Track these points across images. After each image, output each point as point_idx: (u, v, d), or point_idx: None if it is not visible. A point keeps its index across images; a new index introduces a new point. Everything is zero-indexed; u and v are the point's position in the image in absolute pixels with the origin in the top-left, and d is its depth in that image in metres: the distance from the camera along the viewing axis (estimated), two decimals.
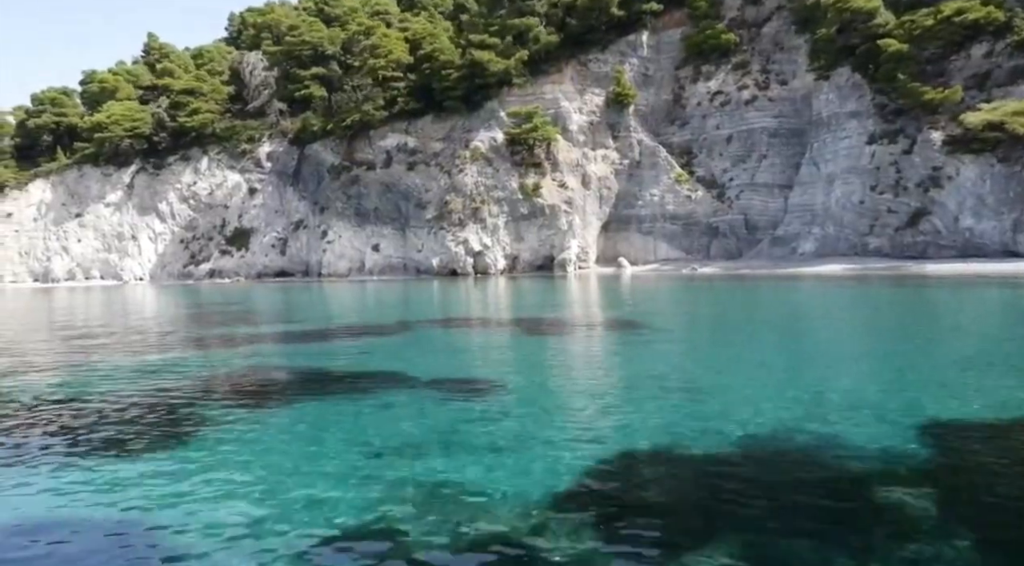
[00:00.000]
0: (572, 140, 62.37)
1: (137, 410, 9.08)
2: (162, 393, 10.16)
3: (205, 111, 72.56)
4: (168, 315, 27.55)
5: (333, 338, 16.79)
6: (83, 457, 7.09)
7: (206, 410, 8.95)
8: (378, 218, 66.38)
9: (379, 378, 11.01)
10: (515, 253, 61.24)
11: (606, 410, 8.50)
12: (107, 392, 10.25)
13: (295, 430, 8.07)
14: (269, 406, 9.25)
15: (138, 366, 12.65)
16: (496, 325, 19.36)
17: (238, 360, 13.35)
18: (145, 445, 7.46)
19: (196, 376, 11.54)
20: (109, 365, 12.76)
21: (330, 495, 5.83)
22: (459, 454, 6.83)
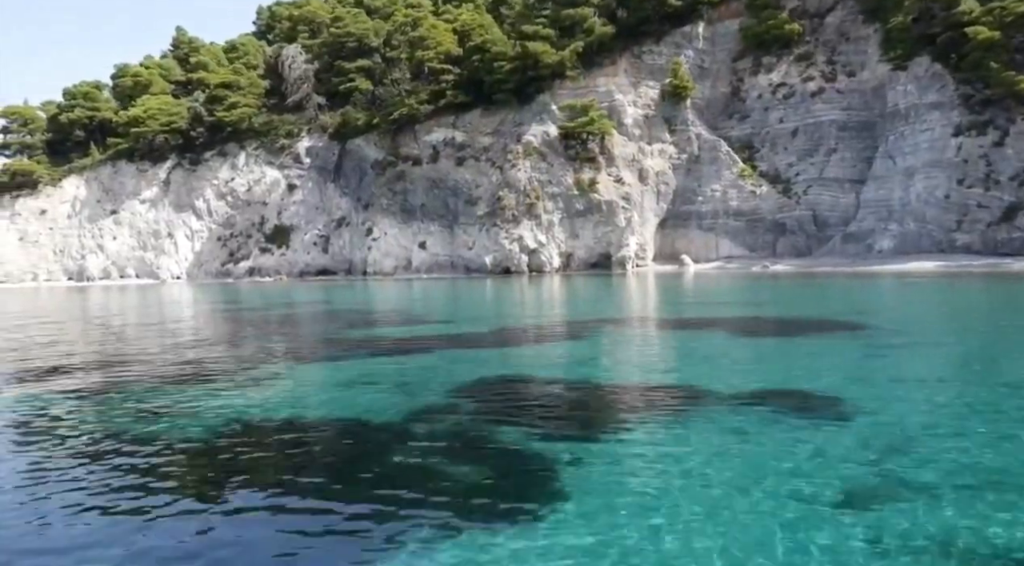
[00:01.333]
0: (627, 134, 60.50)
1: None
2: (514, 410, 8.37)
3: (243, 105, 70.78)
4: (311, 319, 25.69)
5: (539, 342, 14.97)
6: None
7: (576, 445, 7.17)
8: (425, 215, 64.56)
9: (687, 392, 9.20)
10: (569, 251, 59.42)
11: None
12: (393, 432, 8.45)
13: (689, 458, 6.23)
14: (621, 427, 7.45)
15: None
16: (683, 325, 17.45)
17: (489, 370, 11.51)
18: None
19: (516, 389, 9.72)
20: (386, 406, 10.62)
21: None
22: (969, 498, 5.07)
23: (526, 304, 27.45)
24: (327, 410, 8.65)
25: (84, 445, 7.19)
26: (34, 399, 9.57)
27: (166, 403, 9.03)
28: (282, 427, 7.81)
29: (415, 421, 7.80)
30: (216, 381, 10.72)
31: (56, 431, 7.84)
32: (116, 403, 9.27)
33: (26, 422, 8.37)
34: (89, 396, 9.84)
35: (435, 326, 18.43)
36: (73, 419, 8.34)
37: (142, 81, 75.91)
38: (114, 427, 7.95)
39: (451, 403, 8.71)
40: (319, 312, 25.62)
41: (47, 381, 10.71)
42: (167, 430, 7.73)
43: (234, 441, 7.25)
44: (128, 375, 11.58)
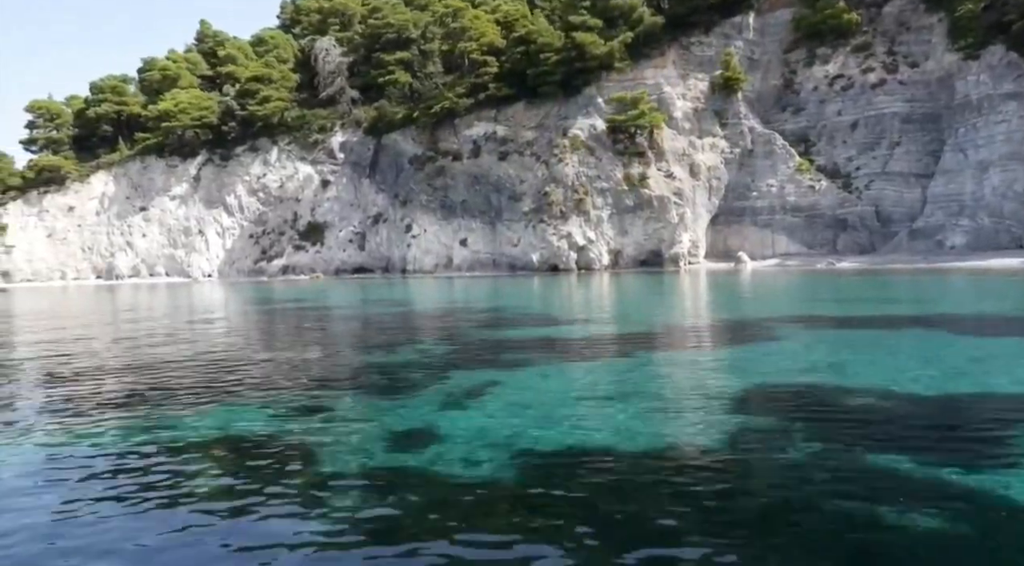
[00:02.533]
0: (677, 128, 58.76)
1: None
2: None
3: (276, 99, 69.05)
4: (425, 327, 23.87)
5: (744, 343, 13.18)
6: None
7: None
8: (466, 211, 62.83)
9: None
10: (618, 248, 57.68)
11: None
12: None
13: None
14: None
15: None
16: (868, 324, 15.59)
17: (742, 377, 9.71)
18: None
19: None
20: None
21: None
22: None
23: (639, 302, 25.67)
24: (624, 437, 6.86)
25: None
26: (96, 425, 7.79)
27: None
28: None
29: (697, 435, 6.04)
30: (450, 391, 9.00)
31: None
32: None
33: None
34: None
35: (587, 326, 16.66)
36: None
37: (170, 75, 74.23)
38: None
39: (760, 421, 6.92)
40: (427, 312, 23.82)
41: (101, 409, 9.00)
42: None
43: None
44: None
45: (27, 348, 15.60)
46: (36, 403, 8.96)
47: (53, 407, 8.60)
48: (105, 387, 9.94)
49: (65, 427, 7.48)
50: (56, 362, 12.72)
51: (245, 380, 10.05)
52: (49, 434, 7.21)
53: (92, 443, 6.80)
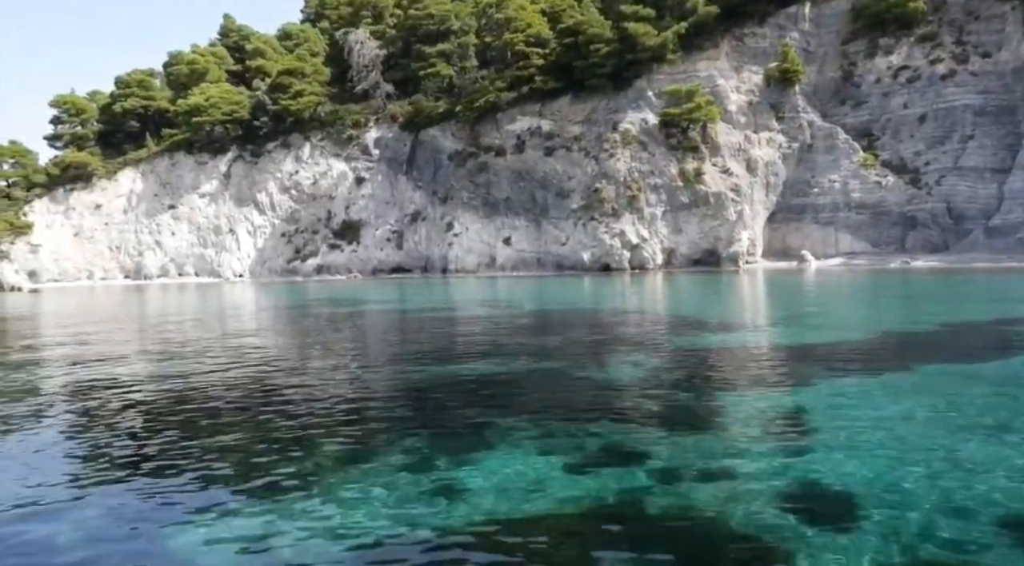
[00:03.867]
0: (732, 122, 56.57)
1: None
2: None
3: (309, 93, 66.82)
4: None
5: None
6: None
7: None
8: (509, 208, 60.61)
9: None
10: (672, 246, 55.46)
11: None
12: None
13: None
14: None
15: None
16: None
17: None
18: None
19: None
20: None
21: None
22: None
23: (778, 303, 23.46)
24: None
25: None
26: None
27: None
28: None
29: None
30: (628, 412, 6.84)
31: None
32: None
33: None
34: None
35: (788, 330, 14.49)
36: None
37: (198, 69, 72.04)
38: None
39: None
40: (554, 315, 21.59)
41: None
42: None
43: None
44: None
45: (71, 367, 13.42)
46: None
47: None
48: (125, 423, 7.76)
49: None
50: (90, 383, 10.54)
51: (315, 429, 7.85)
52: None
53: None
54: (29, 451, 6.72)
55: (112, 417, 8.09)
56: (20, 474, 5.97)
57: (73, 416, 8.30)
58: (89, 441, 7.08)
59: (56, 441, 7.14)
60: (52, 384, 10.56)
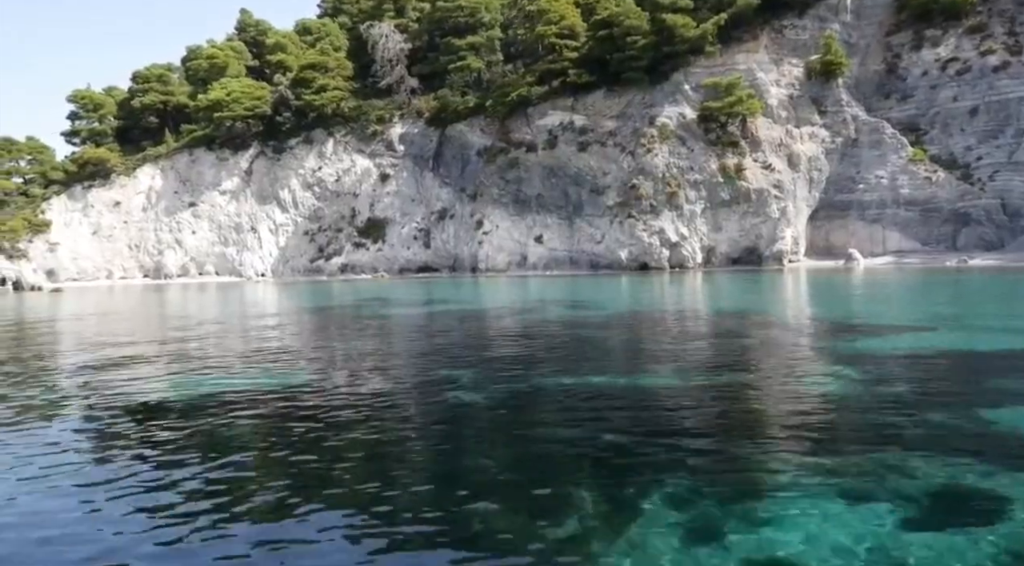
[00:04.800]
0: (772, 116, 54.84)
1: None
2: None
3: (333, 88, 65.21)
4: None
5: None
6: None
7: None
8: (541, 206, 58.93)
9: None
10: (711, 244, 53.77)
11: None
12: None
13: None
14: None
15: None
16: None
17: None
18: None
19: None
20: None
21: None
22: None
23: (868, 304, 21.79)
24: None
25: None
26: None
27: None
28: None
29: None
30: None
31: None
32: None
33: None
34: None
35: (939, 335, 12.83)
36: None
37: (218, 63, 70.49)
38: None
39: None
40: (638, 317, 19.89)
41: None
42: None
43: None
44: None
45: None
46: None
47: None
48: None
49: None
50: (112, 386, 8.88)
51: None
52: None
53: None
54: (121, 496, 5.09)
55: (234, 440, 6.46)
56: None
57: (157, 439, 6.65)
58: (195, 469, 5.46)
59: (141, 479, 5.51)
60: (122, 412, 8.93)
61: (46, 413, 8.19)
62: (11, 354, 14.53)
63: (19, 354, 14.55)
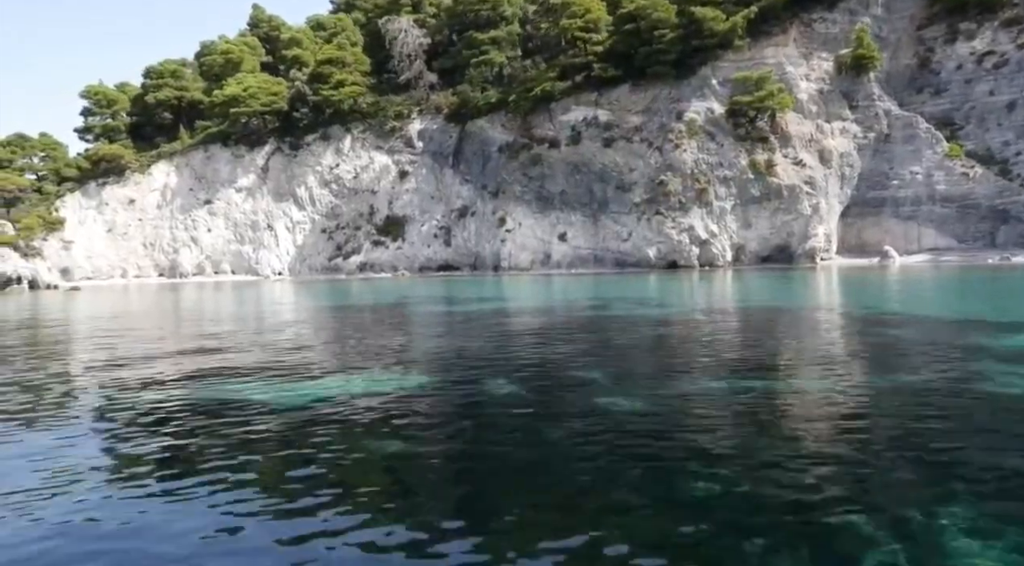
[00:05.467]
0: (803, 111, 53.76)
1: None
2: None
3: (351, 83, 64.14)
4: None
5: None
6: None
7: None
8: (564, 203, 57.88)
9: None
10: (741, 242, 52.72)
11: None
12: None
13: None
14: None
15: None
16: None
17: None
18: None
19: None
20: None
21: None
22: None
23: (954, 301, 20.73)
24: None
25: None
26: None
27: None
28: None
29: None
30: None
31: None
32: None
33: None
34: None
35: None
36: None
37: (233, 59, 69.43)
38: None
39: None
40: (714, 315, 18.82)
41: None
42: None
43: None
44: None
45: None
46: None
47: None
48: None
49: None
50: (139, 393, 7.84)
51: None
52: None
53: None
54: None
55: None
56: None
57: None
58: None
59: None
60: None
61: (100, 421, 7.19)
62: (62, 367, 13.51)
63: (68, 367, 13.53)
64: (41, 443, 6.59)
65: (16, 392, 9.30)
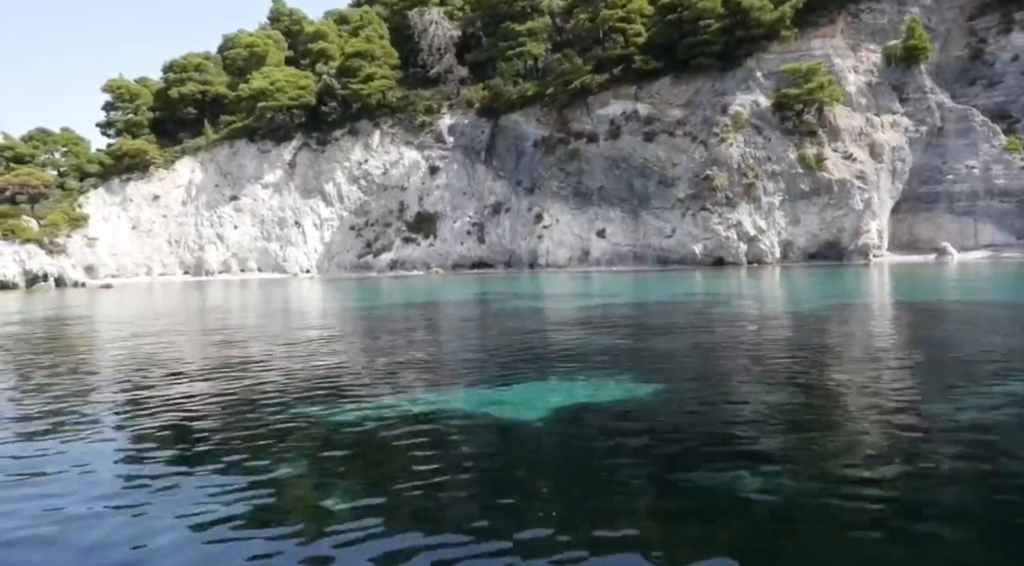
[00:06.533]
0: (851, 104, 52.24)
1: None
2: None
3: (381, 77, 62.61)
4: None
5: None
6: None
7: None
8: (603, 199, 56.35)
9: None
10: (789, 238, 51.14)
11: None
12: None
13: None
14: None
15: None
16: None
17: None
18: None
19: None
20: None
21: None
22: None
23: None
24: None
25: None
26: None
27: None
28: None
29: None
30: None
31: None
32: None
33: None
34: None
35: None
36: None
37: (258, 52, 67.94)
38: None
39: None
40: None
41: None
42: None
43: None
44: None
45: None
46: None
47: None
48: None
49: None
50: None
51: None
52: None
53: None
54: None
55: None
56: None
57: None
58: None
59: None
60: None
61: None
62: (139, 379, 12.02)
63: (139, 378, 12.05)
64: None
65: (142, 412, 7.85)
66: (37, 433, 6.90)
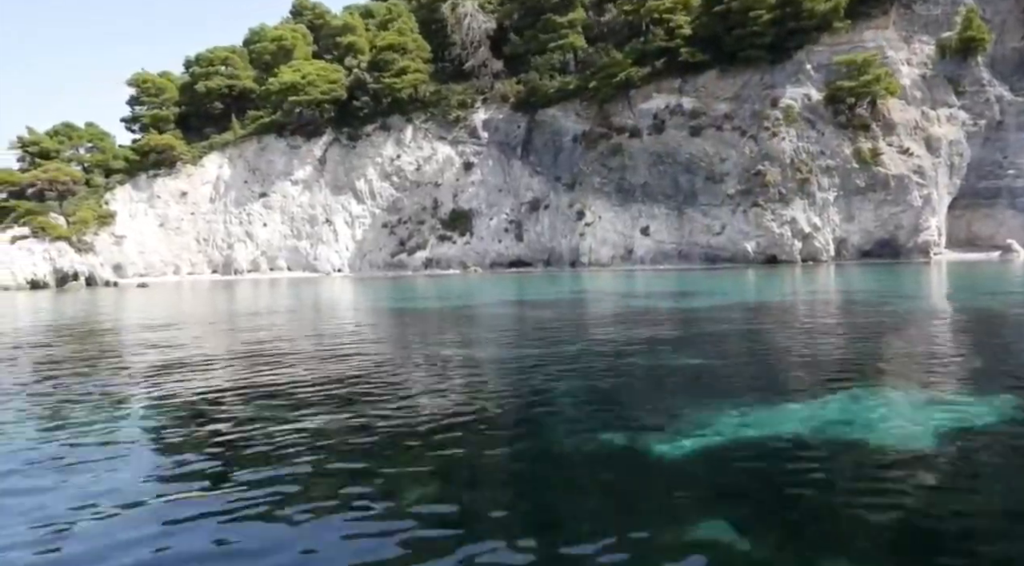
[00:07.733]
0: (905, 97, 50.72)
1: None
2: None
3: (413, 71, 61.07)
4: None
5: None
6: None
7: None
8: (647, 195, 54.84)
9: None
10: (843, 235, 49.64)
11: None
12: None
13: None
14: None
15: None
16: None
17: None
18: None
19: None
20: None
21: None
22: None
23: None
24: None
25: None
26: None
27: None
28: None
29: None
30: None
31: None
32: None
33: None
34: None
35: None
36: None
37: (286, 45, 66.35)
38: None
39: None
40: None
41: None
42: None
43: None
44: None
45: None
46: None
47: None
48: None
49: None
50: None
51: None
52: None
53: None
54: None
55: None
56: None
57: None
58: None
59: None
60: None
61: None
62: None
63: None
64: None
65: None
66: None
